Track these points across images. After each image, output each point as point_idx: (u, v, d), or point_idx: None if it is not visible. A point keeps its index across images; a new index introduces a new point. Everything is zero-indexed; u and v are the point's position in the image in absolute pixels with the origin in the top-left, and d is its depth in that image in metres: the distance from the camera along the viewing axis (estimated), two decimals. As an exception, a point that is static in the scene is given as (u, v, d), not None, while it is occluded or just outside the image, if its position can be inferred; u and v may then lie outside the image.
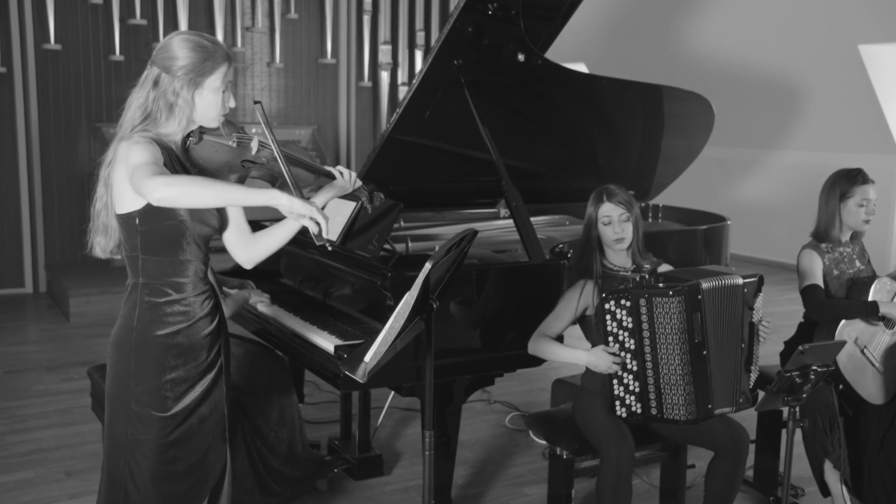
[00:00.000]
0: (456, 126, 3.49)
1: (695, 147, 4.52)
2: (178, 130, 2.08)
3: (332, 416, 4.06)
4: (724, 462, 2.68)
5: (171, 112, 2.04)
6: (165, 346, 2.07)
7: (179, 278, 2.08)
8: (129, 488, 2.12)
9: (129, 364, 2.08)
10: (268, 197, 1.88)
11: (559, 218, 4.30)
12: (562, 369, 4.41)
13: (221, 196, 1.87)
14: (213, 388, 2.16)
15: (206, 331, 2.13)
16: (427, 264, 1.92)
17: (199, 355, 2.12)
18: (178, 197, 1.84)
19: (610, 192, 2.83)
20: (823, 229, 3.20)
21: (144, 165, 1.90)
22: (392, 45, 7.99)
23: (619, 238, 2.79)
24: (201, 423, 2.14)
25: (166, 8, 6.97)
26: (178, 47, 2.04)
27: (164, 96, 2.04)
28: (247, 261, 2.27)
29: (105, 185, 2.08)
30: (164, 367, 2.08)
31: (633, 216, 2.80)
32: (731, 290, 2.62)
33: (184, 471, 2.14)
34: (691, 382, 2.58)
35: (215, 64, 2.04)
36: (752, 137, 8.79)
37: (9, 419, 4.11)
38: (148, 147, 1.97)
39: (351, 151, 7.96)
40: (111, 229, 2.11)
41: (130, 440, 2.09)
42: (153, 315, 2.07)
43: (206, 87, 2.05)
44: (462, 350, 2.87)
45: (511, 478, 3.54)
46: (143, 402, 2.08)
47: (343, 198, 3.25)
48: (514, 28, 3.38)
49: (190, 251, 2.08)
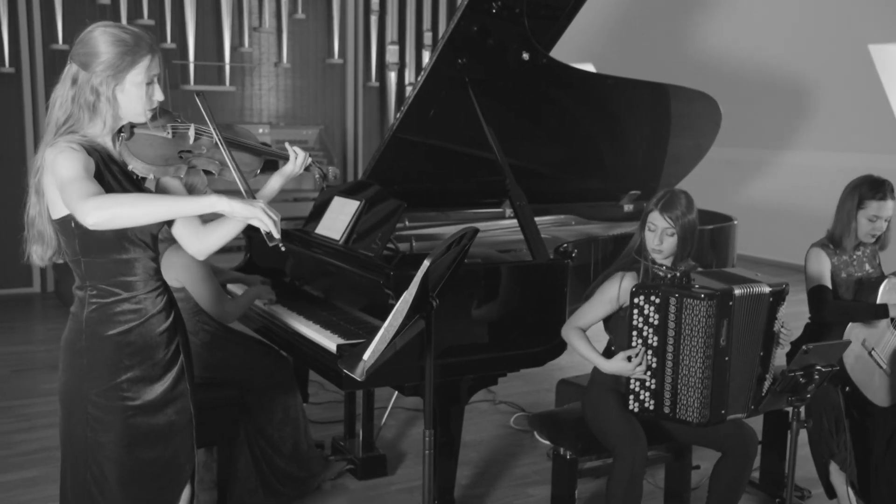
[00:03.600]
0: (460, 125, 3.48)
1: (702, 147, 4.50)
2: (106, 131, 2.00)
3: (337, 415, 4.05)
4: (731, 464, 2.66)
5: (93, 112, 1.96)
6: (118, 344, 2.01)
7: (127, 277, 2.01)
8: (94, 493, 2.05)
9: (81, 366, 2.02)
10: (206, 203, 1.80)
11: (565, 218, 4.28)
12: (567, 369, 4.40)
13: (156, 211, 1.79)
14: (175, 386, 2.10)
15: (160, 328, 2.06)
16: (426, 261, 1.91)
17: (155, 353, 2.05)
18: (112, 219, 1.76)
19: (667, 202, 2.71)
20: (838, 235, 3.15)
21: (73, 182, 1.82)
22: (399, 45, 7.98)
23: (658, 250, 2.72)
24: (169, 425, 2.09)
25: (174, 8, 6.98)
26: (95, 42, 1.95)
27: (83, 95, 1.95)
28: (198, 252, 2.19)
29: (36, 193, 1.99)
30: (119, 367, 2.01)
31: (682, 229, 2.69)
32: (758, 298, 2.58)
33: (152, 472, 2.08)
34: (709, 386, 2.55)
35: (136, 58, 1.95)
36: (760, 137, 8.75)
37: (15, 418, 4.12)
38: (74, 157, 1.87)
39: (358, 151, 7.95)
40: (47, 237, 2.03)
41: (91, 443, 2.02)
42: (102, 315, 2.00)
43: (127, 82, 1.96)
44: (465, 349, 2.86)
45: (515, 478, 3.53)
46: (98, 405, 2.01)
47: (348, 196, 3.27)
48: (518, 27, 3.37)
49: (134, 249, 2.01)
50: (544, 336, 2.98)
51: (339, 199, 3.32)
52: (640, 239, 2.76)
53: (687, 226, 2.70)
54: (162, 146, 2.01)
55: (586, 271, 3.32)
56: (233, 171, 2.00)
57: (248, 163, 2.18)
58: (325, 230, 3.25)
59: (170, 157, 2.02)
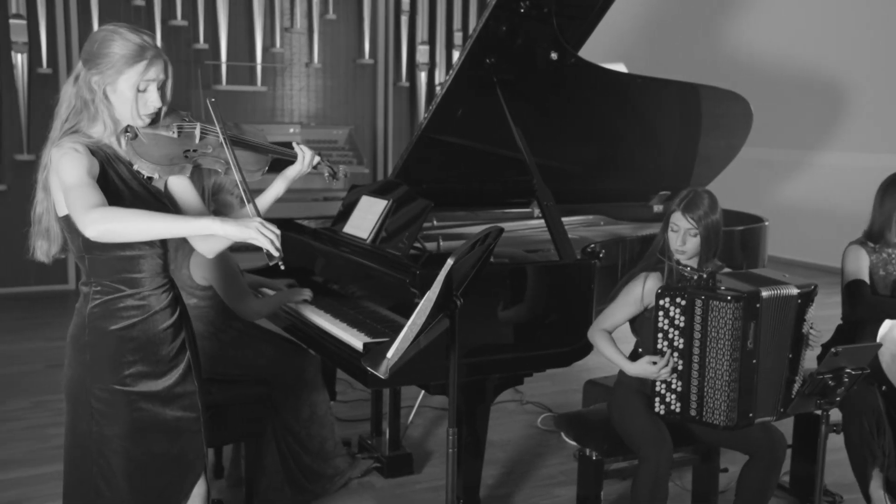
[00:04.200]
0: (488, 125, 3.48)
1: (733, 147, 4.46)
2: (108, 132, 2.00)
3: (364, 414, 4.07)
4: (758, 467, 2.63)
5: (90, 110, 1.97)
6: (120, 339, 2.02)
7: (132, 274, 2.02)
8: (101, 486, 2.06)
9: (84, 361, 2.03)
10: (201, 225, 1.81)
11: (594, 218, 4.27)
12: (595, 370, 4.38)
13: (152, 229, 1.80)
14: (181, 382, 2.11)
15: (164, 324, 2.07)
16: (449, 260, 1.92)
17: (159, 349, 2.06)
18: (108, 233, 1.78)
19: (690, 202, 2.68)
20: (878, 230, 3.12)
21: (75, 189, 1.83)
22: (430, 45, 8.00)
23: (681, 251, 2.70)
24: (176, 421, 2.09)
25: (206, 9, 7.06)
26: (99, 41, 1.97)
27: (81, 92, 1.97)
28: (208, 251, 2.19)
29: (44, 190, 2.02)
30: (122, 361, 2.02)
31: (706, 230, 2.66)
32: (786, 300, 2.55)
33: (158, 467, 2.09)
34: (736, 389, 2.53)
35: (132, 60, 1.95)
36: (795, 138, 8.63)
37: (50, 412, 4.19)
38: (77, 160, 1.89)
39: (388, 152, 7.98)
40: (53, 233, 2.04)
41: (96, 437, 2.03)
42: (104, 311, 2.02)
43: (120, 83, 1.96)
44: (491, 348, 2.86)
45: (541, 479, 3.52)
46: (102, 399, 2.02)
47: (376, 196, 3.28)
48: (546, 26, 3.36)
49: (140, 247, 2.01)
50: (570, 336, 2.97)
51: (366, 198, 3.34)
52: (664, 240, 2.74)
53: (710, 226, 2.67)
54: (167, 145, 2.02)
55: (614, 272, 3.30)
56: (234, 171, 1.99)
57: (254, 162, 2.18)
58: (353, 229, 3.27)
59: (175, 157, 2.02)
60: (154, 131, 2.02)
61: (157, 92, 2.01)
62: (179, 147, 2.03)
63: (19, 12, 6.39)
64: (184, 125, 2.05)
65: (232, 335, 3.09)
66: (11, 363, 4.97)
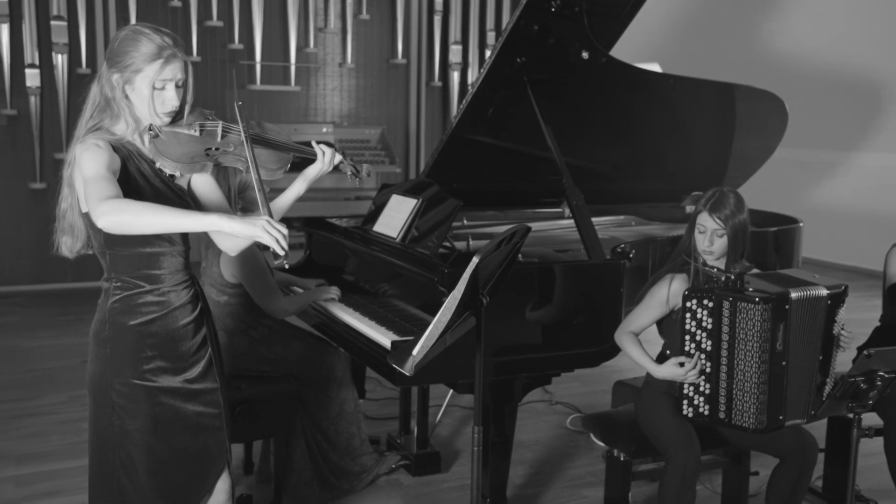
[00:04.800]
0: (518, 124, 3.48)
1: (768, 147, 4.41)
2: (130, 130, 2.04)
3: (394, 412, 4.08)
4: (789, 470, 2.60)
5: (112, 107, 2.00)
6: (140, 334, 2.04)
7: (152, 270, 2.05)
8: (123, 480, 2.08)
9: (105, 355, 2.05)
10: (208, 222, 1.83)
11: (625, 218, 4.24)
12: (625, 371, 4.36)
13: (160, 223, 1.81)
14: (202, 378, 2.13)
15: (184, 320, 2.09)
16: (474, 258, 1.92)
17: (179, 345, 2.08)
18: (118, 225, 1.81)
19: (716, 203, 2.66)
20: None
21: (93, 182, 1.86)
22: (462, 45, 8.01)
23: (709, 251, 2.67)
24: (197, 416, 2.11)
25: (242, 10, 7.13)
26: (121, 40, 2.00)
27: (103, 89, 2.01)
28: (229, 249, 2.20)
29: (69, 186, 2.05)
30: (141, 356, 2.04)
31: (733, 230, 2.63)
32: (815, 301, 2.52)
33: (180, 461, 2.10)
34: (766, 392, 2.50)
35: (150, 59, 1.98)
36: (832, 138, 8.50)
37: (85, 407, 4.19)
38: (98, 154, 1.92)
39: (420, 151, 8.00)
40: (77, 229, 2.08)
41: (118, 431, 2.06)
42: (124, 306, 2.04)
43: (137, 81, 1.99)
44: (520, 348, 2.86)
45: (569, 479, 3.50)
46: (122, 393, 2.05)
47: (407, 195, 3.30)
48: (577, 25, 3.35)
49: (160, 244, 2.04)
50: (599, 337, 2.95)
51: (396, 197, 3.35)
52: (690, 241, 2.72)
53: (737, 226, 2.64)
54: (189, 143, 2.03)
55: (644, 272, 3.28)
56: (252, 170, 2.00)
57: (275, 160, 2.18)
58: (383, 228, 3.28)
59: (196, 155, 2.03)
60: (176, 129, 2.04)
61: (176, 91, 2.04)
62: (201, 145, 2.05)
63: (60, 14, 6.51)
64: (206, 124, 2.08)
65: (262, 332, 3.12)
66: (48, 358, 5.06)
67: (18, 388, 4.53)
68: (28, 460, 3.61)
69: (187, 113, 2.09)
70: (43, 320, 5.97)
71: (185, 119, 2.08)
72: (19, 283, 6.75)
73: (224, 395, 2.21)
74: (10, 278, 6.74)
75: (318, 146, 2.26)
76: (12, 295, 6.61)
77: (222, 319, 3.05)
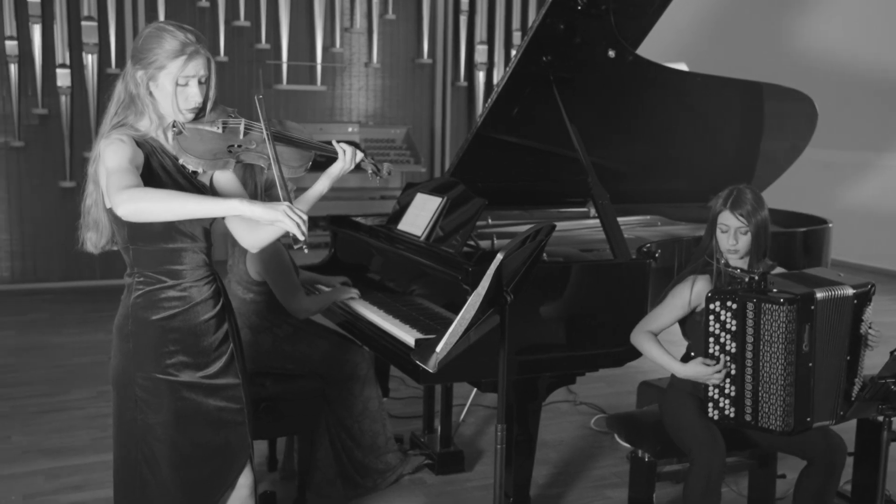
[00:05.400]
0: (543, 123, 3.47)
1: (797, 147, 4.35)
2: (154, 126, 2.06)
3: (417, 411, 4.08)
4: (816, 473, 2.57)
5: (136, 103, 2.03)
6: (162, 329, 2.06)
7: (174, 266, 2.07)
8: (146, 475, 2.10)
9: (128, 350, 2.07)
10: (228, 206, 1.85)
11: (651, 218, 4.21)
12: (649, 372, 4.32)
13: (181, 209, 1.83)
14: (224, 373, 2.13)
15: (206, 315, 2.10)
16: (498, 255, 1.91)
17: (201, 340, 2.10)
18: (138, 212, 1.82)
19: (736, 200, 2.64)
20: None
21: (115, 173, 1.88)
22: (488, 45, 8.00)
23: (734, 250, 2.65)
24: (218, 411, 2.12)
25: (268, 10, 7.18)
26: (145, 37, 2.02)
27: (128, 86, 2.03)
28: (251, 245, 2.21)
29: (93, 182, 2.07)
30: (164, 351, 2.06)
31: (756, 226, 2.62)
32: (841, 301, 2.48)
33: (202, 455, 2.12)
34: (792, 394, 2.47)
35: (173, 56, 2.00)
36: (862, 139, 8.38)
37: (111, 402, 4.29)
38: (121, 148, 1.94)
39: (445, 151, 8.00)
40: (102, 225, 2.10)
41: (141, 425, 2.07)
42: (147, 301, 2.06)
43: (161, 77, 2.01)
44: (544, 347, 2.85)
45: (593, 480, 3.49)
46: (146, 387, 2.06)
47: (431, 194, 3.30)
48: (604, 24, 3.33)
49: (182, 240, 2.06)
50: (623, 336, 2.92)
51: (421, 195, 3.36)
52: (711, 242, 2.69)
53: (760, 222, 2.62)
54: (211, 141, 2.05)
55: (670, 273, 3.25)
56: (274, 167, 2.01)
57: (297, 158, 2.19)
58: (407, 226, 3.28)
59: (218, 152, 2.05)
60: (199, 126, 2.05)
61: (199, 87, 2.05)
62: (223, 142, 2.07)
63: (90, 14, 6.59)
64: (228, 121, 2.09)
65: (287, 331, 3.13)
66: (76, 354, 5.13)
67: (46, 383, 4.59)
68: (56, 454, 3.65)
69: (210, 110, 2.11)
70: (71, 317, 6.04)
71: (208, 116, 2.10)
72: (48, 280, 6.84)
73: (246, 390, 2.23)
74: (39, 275, 6.83)
75: (338, 145, 2.27)
76: (41, 292, 6.70)
77: (248, 317, 3.07)
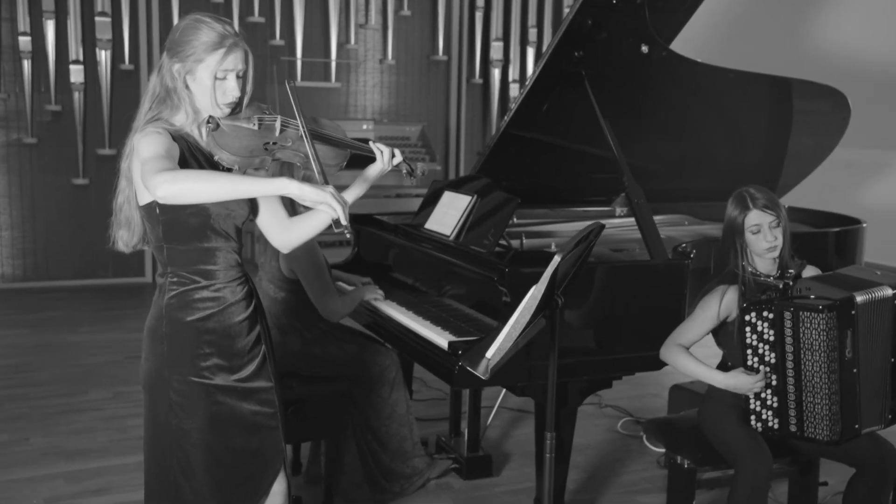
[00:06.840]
0: (574, 121, 3.39)
1: (826, 145, 4.27)
2: (190, 121, 2.02)
3: (439, 413, 4.02)
4: (867, 482, 2.48)
5: (173, 97, 1.99)
6: (197, 331, 2.02)
7: (208, 266, 2.02)
8: (180, 480, 2.05)
9: (162, 353, 2.03)
10: (276, 186, 1.82)
11: (678, 217, 4.13)
12: (673, 374, 4.24)
13: (226, 189, 1.79)
14: (257, 376, 2.09)
15: (239, 317, 2.06)
16: (556, 257, 1.84)
17: (235, 342, 2.05)
18: (181, 193, 1.78)
19: (754, 197, 2.56)
20: None
21: (151, 160, 1.84)
22: (504, 41, 7.92)
23: (773, 246, 2.55)
24: (252, 415, 2.08)
25: (283, 6, 7.11)
26: (181, 29, 1.98)
27: (164, 79, 1.99)
28: (282, 245, 2.18)
29: (126, 179, 2.03)
30: (198, 353, 2.02)
31: (783, 215, 2.55)
32: (882, 302, 2.41)
33: (236, 460, 2.07)
34: (837, 402, 2.39)
35: (211, 49, 1.95)
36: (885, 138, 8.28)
37: (130, 403, 4.24)
38: (158, 139, 1.91)
39: (460, 148, 7.94)
40: (134, 223, 2.06)
41: (175, 430, 2.03)
42: (181, 302, 2.02)
43: (199, 71, 1.97)
44: (579, 350, 2.78)
45: (625, 485, 3.41)
46: (180, 391, 2.02)
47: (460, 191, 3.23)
48: (637, 19, 3.26)
49: (216, 239, 2.02)
50: (661, 339, 2.85)
51: (449, 193, 3.28)
52: (732, 253, 2.59)
53: (784, 214, 2.56)
54: (247, 137, 2.00)
55: (705, 274, 3.18)
56: (314, 165, 1.97)
57: (332, 157, 2.13)
58: (436, 225, 3.21)
59: (255, 149, 2.00)
60: (235, 123, 2.00)
61: (237, 81, 2.00)
62: (260, 139, 2.01)
63: (104, 10, 6.52)
64: (264, 118, 2.04)
65: (316, 333, 3.07)
66: (91, 354, 5.07)
67: (64, 383, 4.53)
68: (76, 457, 3.59)
69: (245, 105, 2.06)
70: (85, 315, 5.99)
71: (244, 112, 2.05)
72: (62, 278, 6.79)
73: (278, 393, 2.17)
74: (52, 273, 6.78)
75: (374, 145, 2.20)
76: (55, 290, 6.65)
77: (277, 317, 3.00)
